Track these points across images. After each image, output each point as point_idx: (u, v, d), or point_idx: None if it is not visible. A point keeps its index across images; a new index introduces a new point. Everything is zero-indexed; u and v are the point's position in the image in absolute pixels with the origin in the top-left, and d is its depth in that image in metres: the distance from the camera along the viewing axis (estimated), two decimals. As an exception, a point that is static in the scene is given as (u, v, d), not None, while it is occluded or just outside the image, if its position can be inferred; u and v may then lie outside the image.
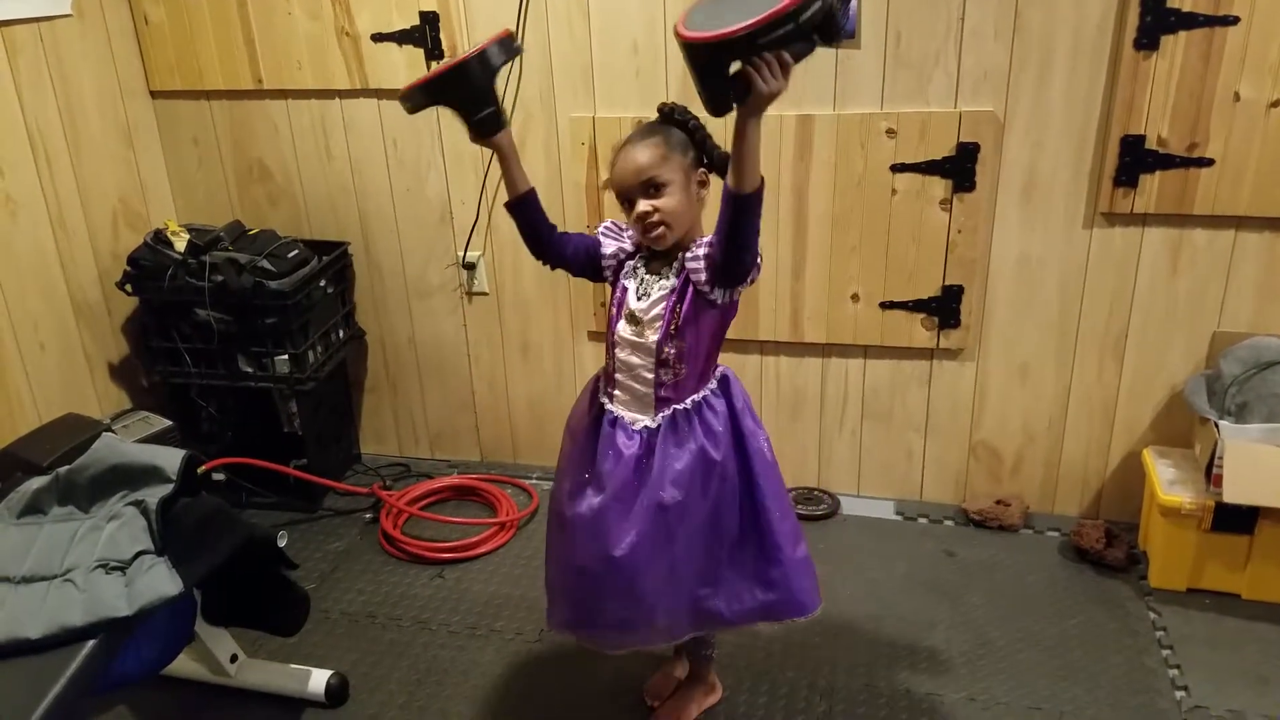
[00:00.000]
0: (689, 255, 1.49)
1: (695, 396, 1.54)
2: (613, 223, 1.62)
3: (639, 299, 1.53)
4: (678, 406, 1.53)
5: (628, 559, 1.51)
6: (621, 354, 1.55)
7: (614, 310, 1.57)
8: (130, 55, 2.50)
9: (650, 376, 1.52)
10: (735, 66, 1.29)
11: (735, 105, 1.32)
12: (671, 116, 1.51)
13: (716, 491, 1.54)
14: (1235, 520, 1.99)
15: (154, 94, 2.56)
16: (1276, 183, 1.98)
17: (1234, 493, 1.92)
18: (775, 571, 1.57)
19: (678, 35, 1.30)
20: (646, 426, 1.54)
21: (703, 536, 1.55)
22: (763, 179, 1.38)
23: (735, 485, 1.55)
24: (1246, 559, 2.02)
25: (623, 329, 1.55)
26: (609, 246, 1.59)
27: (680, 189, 1.46)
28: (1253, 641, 1.95)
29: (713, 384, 1.57)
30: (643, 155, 1.46)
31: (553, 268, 1.63)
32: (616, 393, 1.57)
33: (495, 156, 1.55)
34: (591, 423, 1.60)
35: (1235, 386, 1.99)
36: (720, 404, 1.56)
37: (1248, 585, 2.04)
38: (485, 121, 1.50)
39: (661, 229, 1.47)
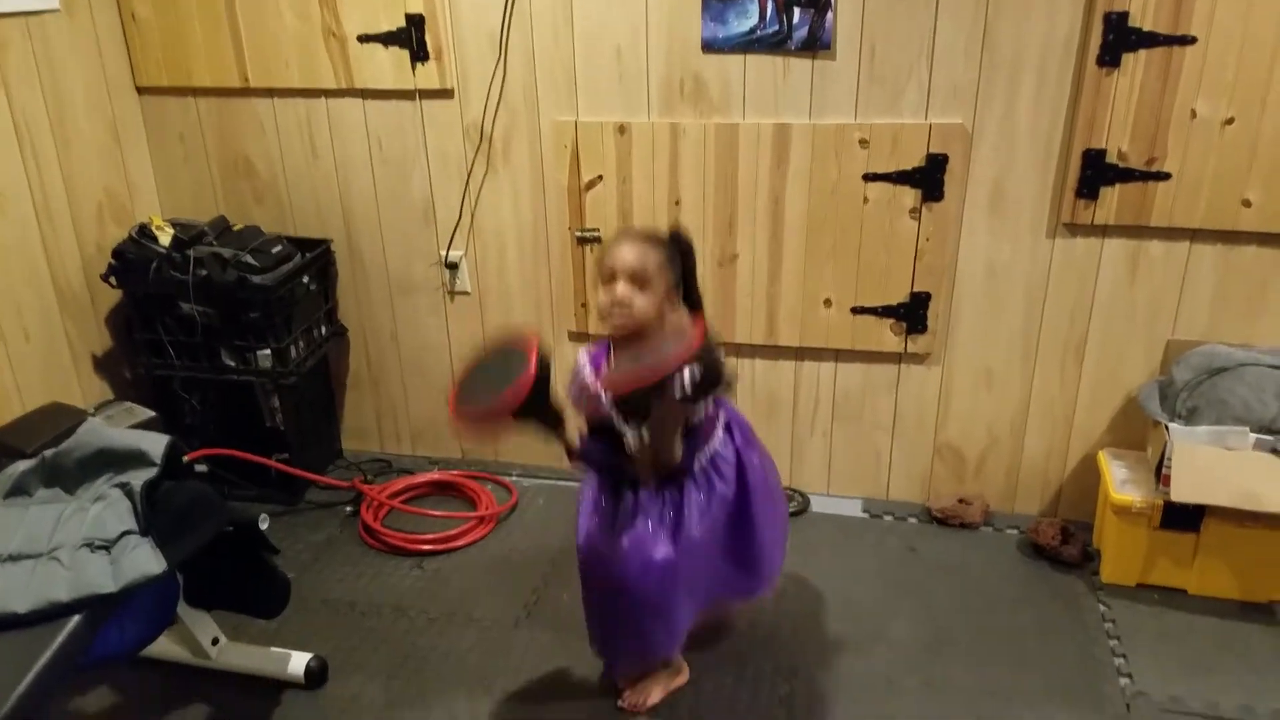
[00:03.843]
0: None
1: (708, 449, 1.69)
2: (571, 387, 1.67)
3: (627, 428, 1.62)
4: (694, 466, 1.69)
5: (668, 571, 1.68)
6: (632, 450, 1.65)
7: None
8: (117, 51, 2.53)
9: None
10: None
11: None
12: (678, 239, 1.64)
13: (722, 514, 1.74)
14: (1183, 518, 2.07)
15: (141, 90, 2.59)
16: (1230, 197, 2.07)
17: (1181, 492, 2.01)
18: (751, 561, 1.80)
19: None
20: (667, 487, 1.68)
21: (710, 554, 1.75)
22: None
23: (733, 499, 1.74)
24: (1193, 555, 2.11)
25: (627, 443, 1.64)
26: (592, 388, 1.63)
27: (656, 299, 1.59)
28: (1197, 634, 2.03)
29: (720, 433, 1.71)
30: (645, 252, 1.58)
31: None
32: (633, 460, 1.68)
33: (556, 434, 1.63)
34: (608, 481, 1.72)
35: (1186, 392, 2.08)
36: (729, 450, 1.72)
37: (1194, 581, 2.13)
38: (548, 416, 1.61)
39: (624, 320, 1.58)
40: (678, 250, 1.63)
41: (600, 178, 2.38)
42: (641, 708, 1.85)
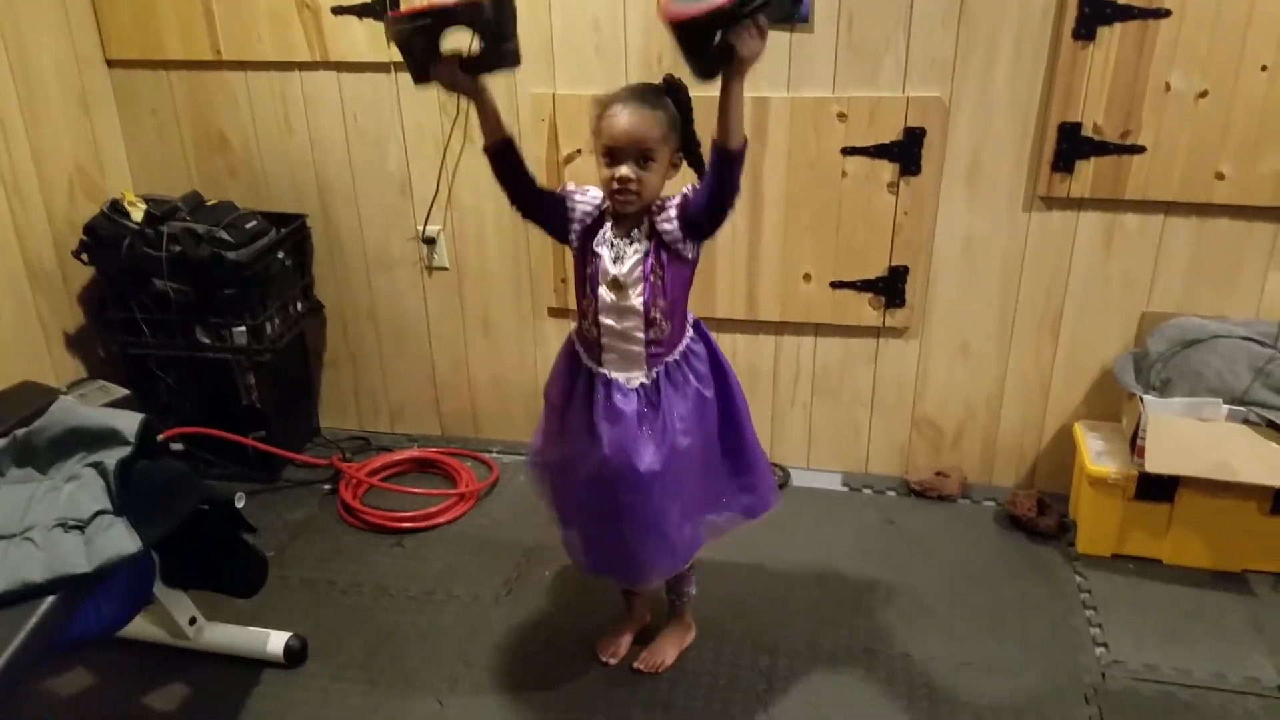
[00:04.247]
0: (660, 217, 1.56)
1: (681, 346, 1.65)
2: (574, 187, 1.64)
3: (615, 263, 1.58)
4: (668, 359, 1.64)
5: (655, 483, 1.61)
6: (607, 319, 1.60)
7: (589, 280, 1.61)
8: (87, 23, 2.47)
9: (641, 336, 1.61)
10: (717, 37, 1.39)
11: (721, 71, 1.42)
12: (674, 92, 1.55)
13: (708, 423, 1.69)
14: (1157, 489, 2.10)
15: (111, 63, 2.54)
16: (1203, 170, 2.08)
17: (1155, 463, 2.03)
18: (752, 478, 1.77)
19: (664, 17, 1.39)
20: (642, 383, 1.63)
21: (703, 464, 1.69)
22: (745, 138, 1.47)
23: (717, 412, 1.70)
24: (1167, 526, 2.14)
25: (604, 294, 1.59)
26: (577, 209, 1.61)
27: (662, 167, 1.53)
28: (1170, 603, 2.07)
29: (690, 331, 1.68)
30: (648, 124, 1.49)
31: (526, 216, 1.65)
32: (606, 355, 1.64)
33: (476, 102, 1.53)
34: (580, 389, 1.67)
35: (1160, 363, 2.10)
36: (700, 347, 1.68)
37: (1168, 551, 2.16)
38: (508, 54, 1.46)
39: (633, 197, 1.52)
40: (678, 105, 1.54)
41: (579, 151, 2.36)
42: (660, 668, 1.87)
